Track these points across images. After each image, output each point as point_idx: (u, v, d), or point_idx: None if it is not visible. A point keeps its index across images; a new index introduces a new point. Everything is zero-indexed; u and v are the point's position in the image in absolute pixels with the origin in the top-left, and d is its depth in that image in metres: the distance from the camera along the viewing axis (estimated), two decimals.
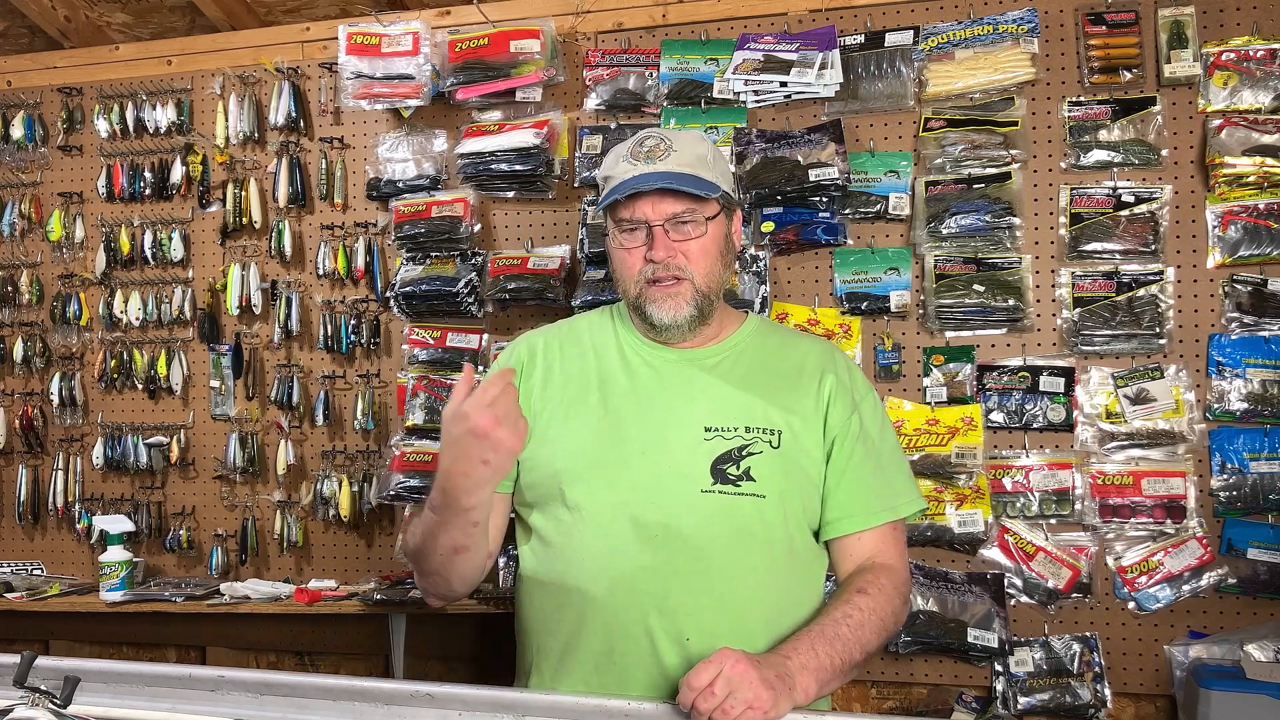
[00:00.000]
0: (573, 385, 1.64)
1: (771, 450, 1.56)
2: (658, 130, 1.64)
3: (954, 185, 2.37)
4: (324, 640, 2.82)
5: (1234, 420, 2.25)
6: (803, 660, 1.39)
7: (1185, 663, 2.21)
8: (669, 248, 1.56)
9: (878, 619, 1.50)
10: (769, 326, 1.76)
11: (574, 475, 1.56)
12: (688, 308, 1.58)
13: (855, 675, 1.53)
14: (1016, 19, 2.35)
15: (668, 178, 1.55)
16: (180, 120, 2.88)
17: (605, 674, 1.52)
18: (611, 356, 1.65)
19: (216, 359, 2.86)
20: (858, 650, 1.46)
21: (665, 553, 1.49)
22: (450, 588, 1.60)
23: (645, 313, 1.59)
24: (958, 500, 2.32)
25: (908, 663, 2.39)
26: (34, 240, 3.02)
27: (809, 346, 1.71)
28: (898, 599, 1.56)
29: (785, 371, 1.64)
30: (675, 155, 1.58)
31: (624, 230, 1.59)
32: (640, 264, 1.58)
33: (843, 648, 1.44)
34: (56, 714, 1.17)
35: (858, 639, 1.46)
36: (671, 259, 1.56)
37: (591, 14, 2.62)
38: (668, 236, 1.56)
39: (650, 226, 1.56)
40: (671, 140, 1.60)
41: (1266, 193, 2.23)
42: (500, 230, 2.68)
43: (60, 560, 3.03)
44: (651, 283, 1.57)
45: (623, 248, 1.60)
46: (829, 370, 1.64)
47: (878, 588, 1.53)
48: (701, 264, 1.58)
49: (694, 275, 1.57)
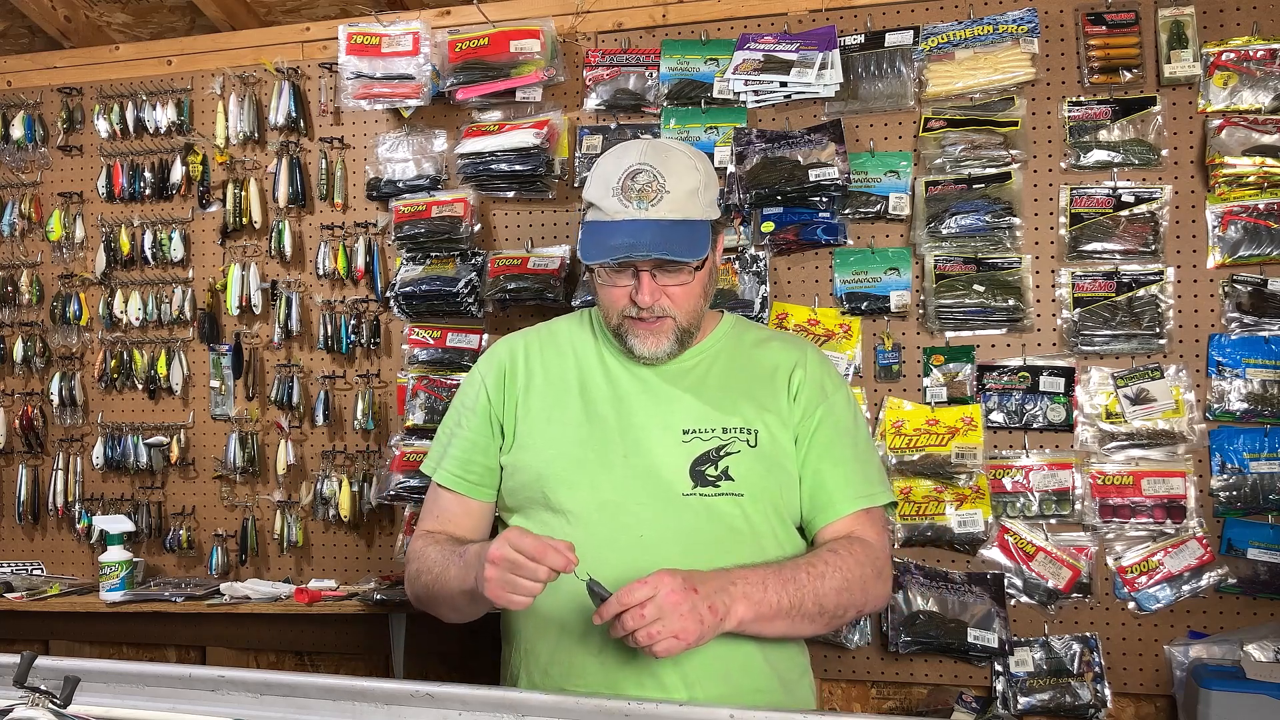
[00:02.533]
0: (554, 389, 1.64)
1: (749, 449, 1.57)
2: (649, 163, 1.54)
3: (954, 185, 2.37)
4: (324, 640, 2.82)
5: (1234, 420, 2.25)
6: (746, 589, 1.42)
7: (1185, 663, 2.21)
8: (655, 293, 1.54)
9: (841, 576, 1.50)
10: (744, 326, 1.76)
11: (557, 479, 1.57)
12: (668, 343, 1.58)
13: (809, 630, 1.53)
14: (1016, 19, 2.35)
15: (662, 233, 1.50)
16: (180, 120, 2.88)
17: (594, 676, 1.52)
18: (591, 360, 1.66)
19: (216, 359, 2.87)
20: (810, 599, 1.47)
21: (651, 555, 1.50)
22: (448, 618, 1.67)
23: (626, 343, 1.60)
24: (958, 500, 2.32)
25: (908, 663, 2.39)
26: (34, 240, 3.02)
27: (781, 345, 1.72)
28: (869, 568, 1.55)
29: (760, 371, 1.65)
30: (668, 199, 1.52)
31: (609, 269, 1.57)
32: (625, 301, 1.57)
33: (795, 590, 1.46)
34: (56, 714, 1.17)
35: (813, 589, 1.47)
36: (656, 302, 1.55)
37: (591, 14, 2.62)
38: (654, 281, 1.55)
39: (638, 270, 1.54)
40: (664, 177, 1.53)
41: (1266, 193, 2.23)
42: (500, 230, 2.68)
43: (60, 560, 3.03)
44: (634, 319, 1.57)
45: (608, 285, 1.58)
46: (799, 365, 1.66)
47: (848, 551, 1.54)
48: (685, 304, 1.58)
49: (678, 315, 1.58)
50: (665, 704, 1.27)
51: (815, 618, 1.50)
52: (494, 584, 1.38)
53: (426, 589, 1.62)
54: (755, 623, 1.43)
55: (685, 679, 1.50)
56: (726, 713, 1.23)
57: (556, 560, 1.35)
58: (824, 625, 1.54)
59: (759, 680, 1.55)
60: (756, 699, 1.52)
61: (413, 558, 1.67)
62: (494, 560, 1.37)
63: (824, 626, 1.54)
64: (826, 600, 1.49)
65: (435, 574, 1.59)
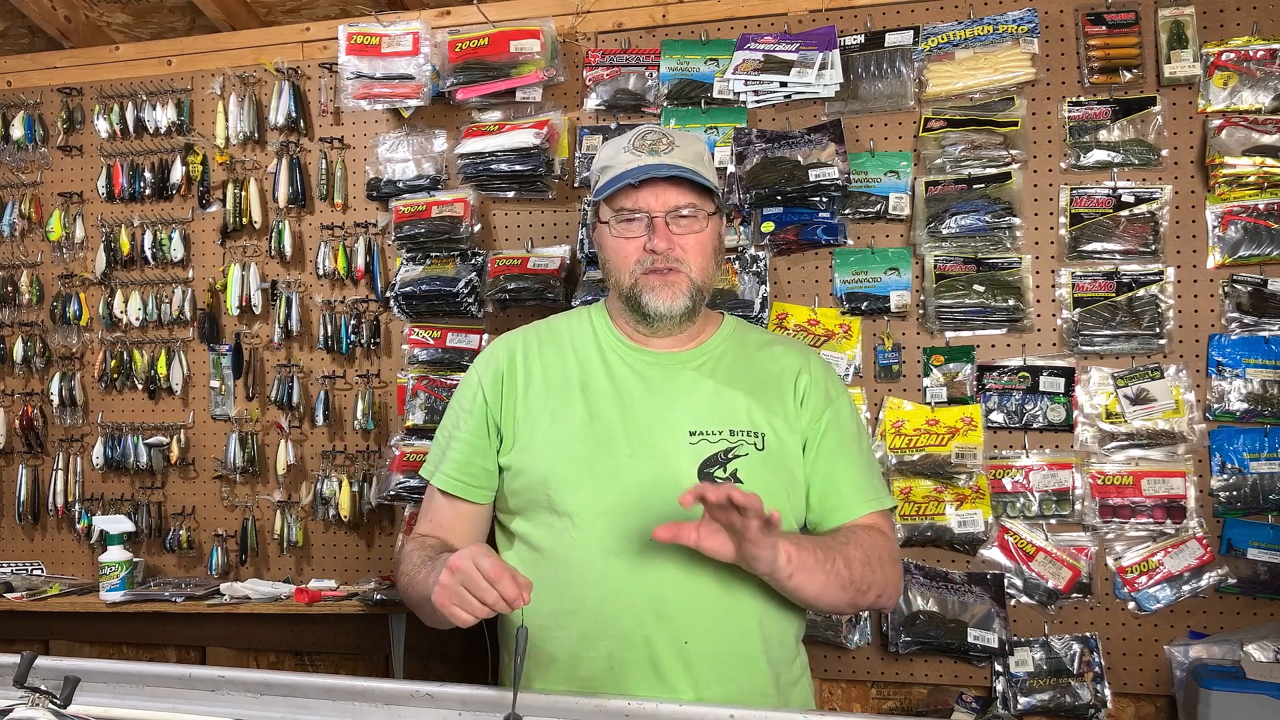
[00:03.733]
0: (555, 388, 1.63)
1: (757, 453, 1.57)
2: (657, 125, 1.65)
3: (954, 185, 2.37)
4: (324, 640, 2.82)
5: (1234, 420, 2.25)
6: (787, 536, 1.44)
7: (1185, 663, 2.21)
8: (669, 239, 1.56)
9: (864, 551, 1.53)
10: (745, 327, 1.76)
11: (562, 480, 1.56)
12: (683, 298, 1.58)
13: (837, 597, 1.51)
14: (1016, 19, 2.35)
15: (677, 168, 1.55)
16: (180, 120, 2.88)
17: (602, 679, 1.51)
18: (592, 358, 1.65)
19: (216, 359, 2.87)
20: (840, 562, 1.49)
21: (659, 558, 1.49)
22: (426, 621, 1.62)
23: (640, 301, 1.59)
24: (958, 500, 2.32)
25: (908, 663, 2.39)
26: (34, 240, 3.02)
27: (785, 348, 1.72)
28: (887, 554, 1.58)
29: (765, 375, 1.65)
30: (679, 150, 1.59)
31: (622, 220, 1.58)
32: (638, 253, 1.58)
33: (824, 551, 1.48)
34: (56, 714, 1.17)
35: (843, 554, 1.50)
36: (671, 250, 1.56)
37: (591, 14, 2.62)
38: (669, 229, 1.56)
39: (651, 217, 1.56)
40: (673, 136, 1.62)
41: (1266, 193, 2.23)
42: (500, 230, 2.68)
43: (60, 560, 3.03)
44: (648, 272, 1.57)
45: (620, 237, 1.59)
46: (804, 370, 1.66)
47: (867, 535, 1.57)
48: (698, 258, 1.59)
49: (691, 269, 1.58)
50: (665, 704, 1.27)
51: (846, 585, 1.49)
52: (443, 590, 1.35)
53: (404, 591, 1.61)
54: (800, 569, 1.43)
55: (693, 679, 1.50)
56: (726, 713, 1.24)
57: (509, 589, 1.30)
58: (849, 597, 1.52)
59: (758, 681, 1.55)
60: (756, 700, 1.52)
61: (400, 559, 1.66)
62: (452, 568, 1.34)
63: (848, 599, 1.52)
64: (855, 568, 1.50)
65: (411, 577, 1.57)
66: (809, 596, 1.48)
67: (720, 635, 1.51)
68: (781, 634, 1.59)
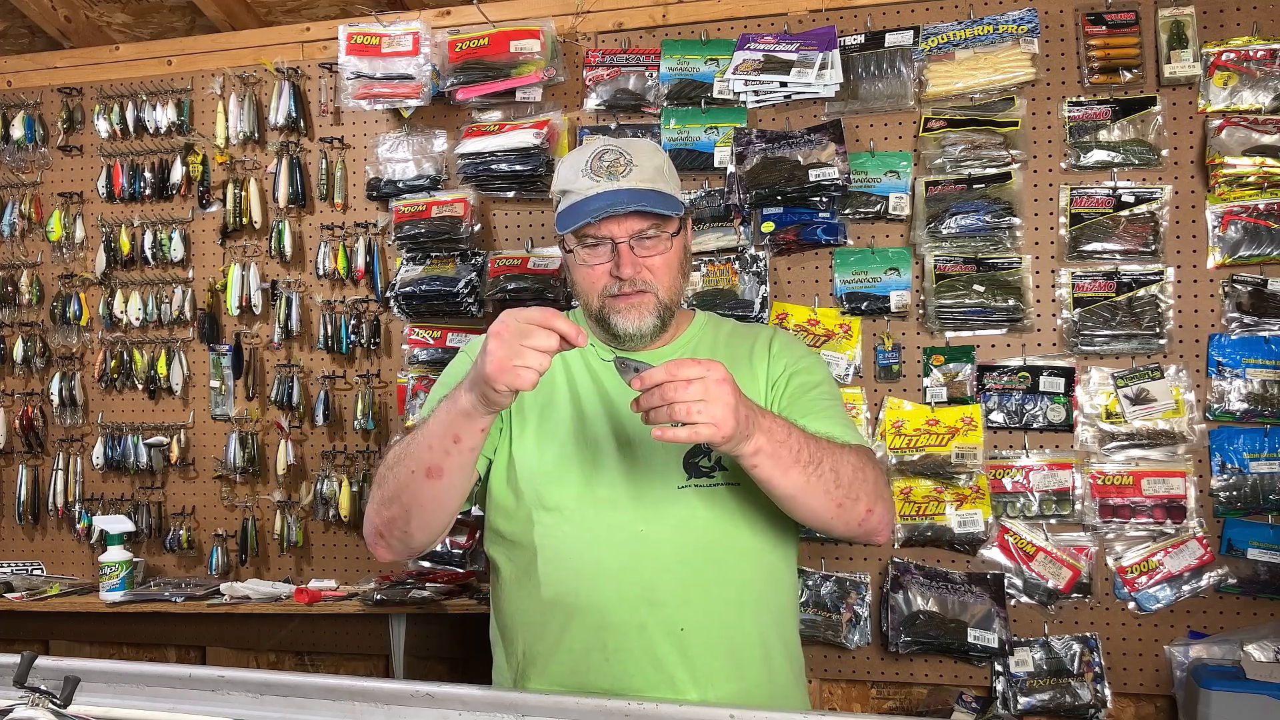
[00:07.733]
0: (542, 388, 1.63)
1: None
2: (613, 142, 1.61)
3: (954, 185, 2.37)
4: (324, 640, 2.82)
5: (1234, 420, 2.25)
6: (772, 425, 1.38)
7: (1185, 663, 2.21)
8: (635, 265, 1.55)
9: (856, 459, 1.47)
10: (717, 320, 1.78)
11: (551, 477, 1.57)
12: (650, 318, 1.58)
13: (821, 502, 1.43)
14: (1016, 19, 2.35)
15: (636, 196, 1.53)
16: (180, 120, 2.88)
17: (599, 672, 1.51)
18: (577, 361, 1.66)
19: (216, 359, 2.86)
20: (829, 463, 1.42)
21: (650, 548, 1.51)
22: (407, 530, 1.53)
23: (609, 324, 1.59)
24: (958, 500, 2.32)
25: (908, 663, 2.39)
26: (34, 240, 3.02)
27: (754, 331, 1.75)
28: (879, 473, 1.53)
29: (738, 358, 1.66)
30: (636, 170, 1.56)
31: (587, 246, 1.57)
32: (604, 279, 1.57)
33: (815, 449, 1.41)
34: (56, 714, 1.17)
35: (832, 455, 1.44)
36: (638, 274, 1.56)
37: (591, 14, 2.62)
38: (633, 253, 1.55)
39: (615, 243, 1.55)
40: (630, 154, 1.58)
41: (1266, 193, 2.23)
42: (500, 230, 2.68)
43: (60, 560, 3.03)
44: (614, 296, 1.57)
45: (586, 264, 1.58)
46: (774, 337, 1.70)
47: (856, 451, 1.51)
48: (665, 278, 1.59)
49: (658, 289, 1.58)
50: (665, 704, 1.27)
51: (831, 488, 1.43)
52: (497, 359, 1.29)
53: (397, 460, 1.50)
54: (772, 461, 1.37)
55: (690, 667, 1.50)
56: (726, 713, 1.24)
57: (566, 326, 1.28)
58: (835, 501, 1.45)
59: (755, 668, 1.56)
60: (754, 687, 1.53)
61: (383, 460, 1.56)
62: (497, 333, 1.30)
63: (834, 504, 1.45)
64: (843, 472, 1.44)
65: (411, 440, 1.48)
66: (787, 491, 1.42)
67: (716, 621, 1.52)
68: (778, 618, 1.61)
